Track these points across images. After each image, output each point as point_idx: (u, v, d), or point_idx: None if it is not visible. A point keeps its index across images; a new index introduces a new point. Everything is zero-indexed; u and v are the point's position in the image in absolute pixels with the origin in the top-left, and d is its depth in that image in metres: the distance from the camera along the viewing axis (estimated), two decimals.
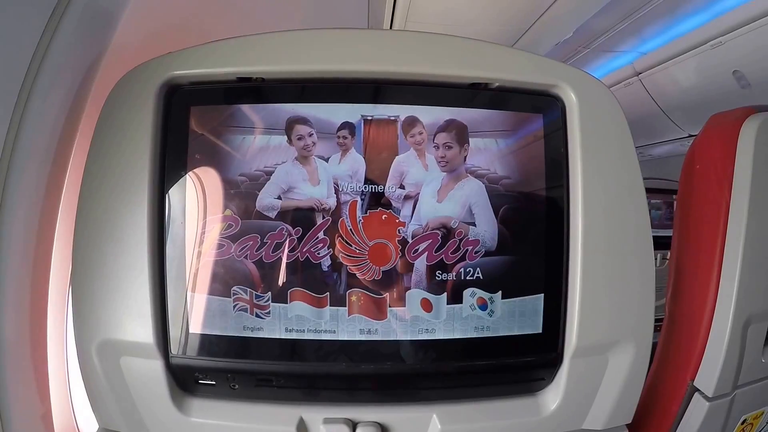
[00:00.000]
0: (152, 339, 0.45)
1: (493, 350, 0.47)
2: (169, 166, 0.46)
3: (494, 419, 0.50)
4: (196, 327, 0.46)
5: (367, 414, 0.49)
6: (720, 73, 1.13)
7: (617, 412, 0.52)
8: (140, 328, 0.46)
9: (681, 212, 0.63)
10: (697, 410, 0.62)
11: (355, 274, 0.45)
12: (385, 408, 0.49)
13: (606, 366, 0.50)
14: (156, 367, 0.46)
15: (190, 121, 0.46)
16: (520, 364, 0.49)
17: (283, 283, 0.45)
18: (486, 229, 0.46)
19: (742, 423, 0.66)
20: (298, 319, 0.45)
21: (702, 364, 0.61)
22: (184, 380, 0.48)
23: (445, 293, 0.46)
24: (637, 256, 0.48)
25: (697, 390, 0.62)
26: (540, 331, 0.47)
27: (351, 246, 0.45)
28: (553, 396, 0.50)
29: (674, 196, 1.42)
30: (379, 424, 0.49)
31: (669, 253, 0.66)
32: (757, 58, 1.08)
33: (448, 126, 0.46)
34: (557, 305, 0.47)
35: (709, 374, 0.60)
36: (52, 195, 0.55)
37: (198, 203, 0.46)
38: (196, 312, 0.46)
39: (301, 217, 0.45)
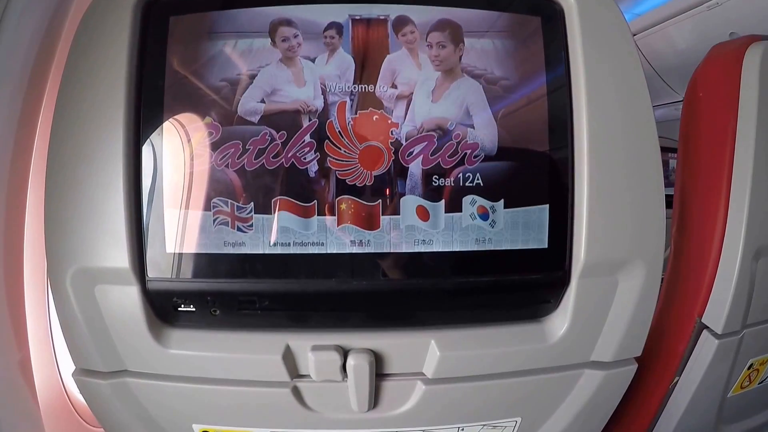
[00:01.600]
0: (127, 262, 0.42)
1: (495, 266, 0.43)
2: (147, 79, 0.43)
3: (497, 346, 0.46)
4: (173, 246, 0.43)
5: (359, 340, 0.45)
6: (716, 36, 1.10)
7: (627, 342, 0.48)
8: (115, 252, 0.42)
9: (685, 142, 0.60)
10: (706, 349, 0.58)
11: (344, 180, 0.42)
12: (378, 334, 0.45)
13: (616, 289, 0.46)
14: (132, 294, 0.43)
15: (168, 32, 0.43)
16: (525, 283, 0.45)
17: (267, 191, 0.42)
18: (485, 132, 0.42)
19: (749, 368, 0.63)
20: (283, 232, 0.42)
21: (710, 299, 0.57)
22: (162, 308, 0.44)
23: (443, 200, 0.42)
24: (646, 168, 0.45)
25: (706, 327, 0.58)
26: (545, 246, 0.44)
27: (340, 149, 0.42)
28: (560, 321, 0.46)
29: (671, 155, 1.38)
30: (372, 351, 0.45)
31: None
32: (753, 20, 1.05)
33: (441, 25, 0.43)
34: (563, 218, 0.44)
35: (717, 310, 0.56)
36: (28, 123, 0.52)
37: (176, 113, 0.43)
38: (174, 229, 0.42)
39: (286, 121, 0.42)
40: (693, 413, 0.63)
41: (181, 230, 0.43)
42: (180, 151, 0.43)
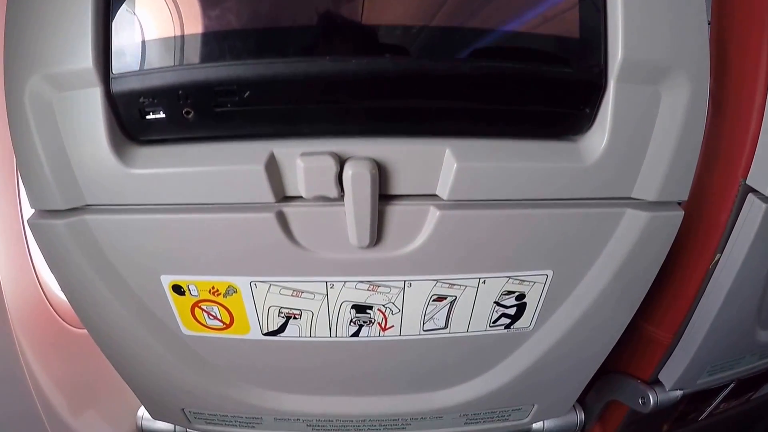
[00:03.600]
0: (90, 59, 0.34)
1: (522, 50, 0.37)
2: None
3: (526, 160, 0.38)
4: (140, 32, 0.35)
5: (359, 147, 0.37)
6: None
7: (672, 180, 0.40)
8: (78, 50, 0.35)
9: None
10: (753, 214, 0.50)
11: None
12: (382, 141, 0.37)
13: (659, 104, 0.39)
14: (94, 100, 0.35)
15: None
16: (557, 79, 0.38)
17: None
18: None
19: None
20: None
21: (755, 157, 0.50)
22: (129, 120, 0.36)
23: None
24: None
25: (751, 190, 0.50)
26: (577, 36, 0.37)
27: None
28: (598, 138, 0.39)
29: None
30: (375, 162, 0.37)
31: None
32: None
33: None
34: (596, 7, 0.38)
35: (764, 168, 0.49)
36: None
37: None
38: (143, 12, 0.35)
39: None
40: (735, 301, 0.55)
41: (150, 12, 0.35)
42: None
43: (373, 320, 0.43)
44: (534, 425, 0.59)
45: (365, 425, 0.55)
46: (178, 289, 0.42)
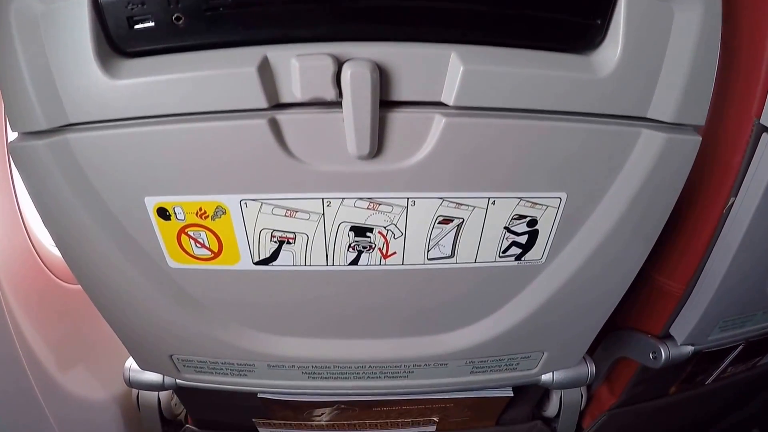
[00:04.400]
0: None
1: None
2: None
3: (536, 67, 0.35)
4: None
5: (359, 50, 0.34)
6: None
7: (687, 102, 0.38)
8: None
9: None
10: (767, 156, 0.47)
11: None
12: (384, 44, 0.34)
13: (671, 21, 0.36)
14: (81, 9, 0.32)
15: None
16: None
17: None
18: None
19: None
20: None
21: None
22: (116, 29, 0.33)
23: None
24: None
25: (766, 129, 0.47)
26: None
27: None
28: (611, 51, 0.36)
29: None
30: (376, 64, 0.33)
31: None
32: None
33: None
34: None
35: None
36: None
37: None
38: None
39: None
40: (750, 246, 0.52)
41: None
42: None
43: (373, 245, 0.40)
44: (543, 377, 0.56)
45: (365, 372, 0.52)
46: (163, 213, 0.38)
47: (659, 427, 0.84)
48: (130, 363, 0.56)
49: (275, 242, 0.39)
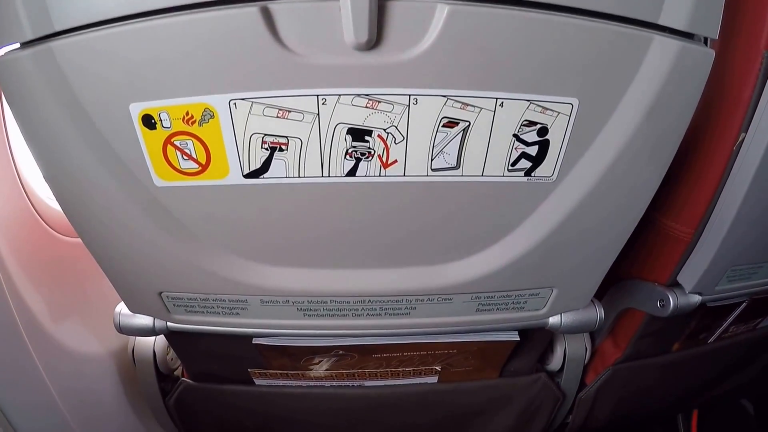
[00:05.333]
0: None
1: None
2: None
3: None
4: None
5: None
6: None
7: (700, 11, 0.35)
8: None
9: None
10: None
11: None
12: None
13: None
14: None
15: None
16: None
17: None
18: None
19: None
20: None
21: None
22: None
23: None
24: None
25: None
26: None
27: None
28: None
29: None
30: None
31: None
32: None
33: None
34: None
35: None
36: None
37: None
38: None
39: None
40: (761, 185, 0.50)
41: None
42: None
43: (372, 151, 0.37)
44: (551, 320, 0.54)
45: (364, 309, 0.49)
46: (148, 121, 0.36)
47: (661, 385, 0.83)
48: (121, 308, 0.53)
49: (266, 149, 0.36)
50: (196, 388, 0.67)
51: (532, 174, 0.40)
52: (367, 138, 0.36)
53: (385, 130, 0.36)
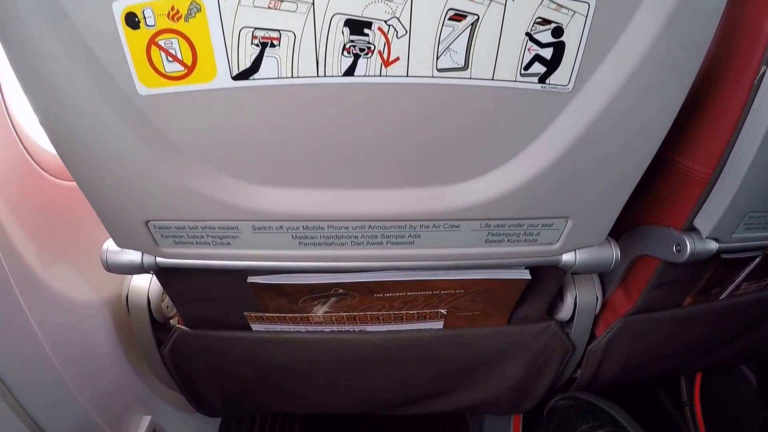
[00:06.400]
0: None
1: None
2: None
3: None
4: None
5: None
6: None
7: None
8: None
9: None
10: None
11: None
12: None
13: None
14: None
15: None
16: None
17: None
18: None
19: None
20: None
21: None
22: None
23: None
24: None
25: None
26: None
27: None
28: None
29: None
30: None
31: None
32: None
33: None
34: None
35: None
36: None
37: None
38: None
39: None
40: None
41: None
42: None
43: (372, 46, 0.33)
44: (564, 256, 0.51)
45: (364, 237, 0.46)
46: (132, 20, 0.32)
47: (671, 341, 0.81)
48: (108, 244, 0.50)
49: (257, 45, 0.33)
50: (192, 335, 0.65)
51: (547, 81, 0.37)
52: (366, 31, 0.33)
53: (386, 21, 0.32)
